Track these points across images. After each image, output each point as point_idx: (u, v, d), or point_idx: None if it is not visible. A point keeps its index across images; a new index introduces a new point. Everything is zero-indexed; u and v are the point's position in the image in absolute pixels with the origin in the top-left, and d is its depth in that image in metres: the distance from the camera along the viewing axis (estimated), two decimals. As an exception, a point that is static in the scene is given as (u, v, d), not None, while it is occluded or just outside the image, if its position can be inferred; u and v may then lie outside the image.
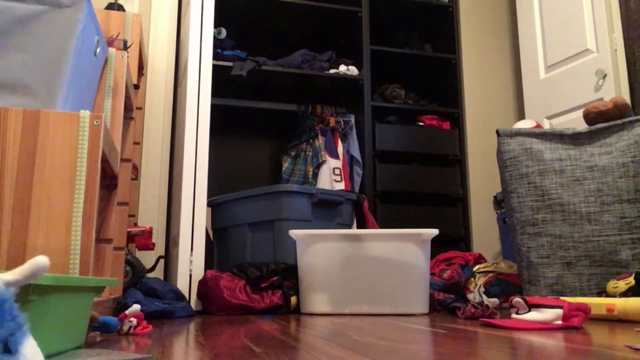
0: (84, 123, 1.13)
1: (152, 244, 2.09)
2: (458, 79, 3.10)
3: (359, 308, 1.85)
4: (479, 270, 2.17)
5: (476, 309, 1.57)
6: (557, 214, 1.88)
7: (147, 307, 1.67)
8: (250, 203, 2.26)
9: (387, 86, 3.06)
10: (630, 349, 0.91)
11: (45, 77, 1.15)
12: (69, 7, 1.19)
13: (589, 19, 2.69)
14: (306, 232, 1.92)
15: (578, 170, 1.90)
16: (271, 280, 1.96)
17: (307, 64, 2.85)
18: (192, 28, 2.27)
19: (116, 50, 1.60)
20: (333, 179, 2.83)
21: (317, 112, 3.01)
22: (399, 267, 1.85)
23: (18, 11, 1.15)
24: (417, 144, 2.92)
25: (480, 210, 3.13)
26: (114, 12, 2.25)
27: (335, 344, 1.02)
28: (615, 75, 2.54)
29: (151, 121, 2.71)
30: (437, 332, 1.23)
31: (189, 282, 2.06)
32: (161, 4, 2.84)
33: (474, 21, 3.42)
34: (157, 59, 2.79)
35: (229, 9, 2.77)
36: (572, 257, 1.84)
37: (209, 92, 2.22)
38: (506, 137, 2.00)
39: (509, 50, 3.45)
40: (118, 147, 1.55)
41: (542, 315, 1.32)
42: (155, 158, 2.68)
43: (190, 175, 2.13)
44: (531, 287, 1.88)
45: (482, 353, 0.88)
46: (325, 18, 3.00)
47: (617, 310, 1.44)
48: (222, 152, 3.06)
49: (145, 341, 1.11)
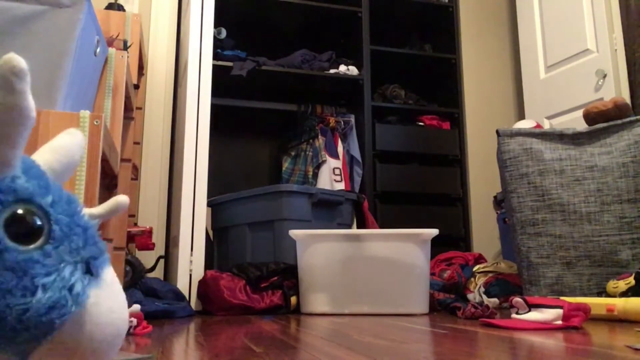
0: (84, 123, 1.13)
1: (152, 244, 2.09)
2: (458, 79, 3.10)
3: (359, 308, 1.85)
4: (479, 270, 2.17)
5: (476, 309, 1.57)
6: (557, 214, 1.88)
7: (147, 307, 1.67)
8: (250, 203, 2.26)
9: (387, 86, 3.05)
10: (630, 349, 0.91)
11: (45, 77, 1.15)
12: (69, 7, 1.19)
13: (589, 19, 2.69)
14: (306, 232, 1.92)
15: (578, 170, 1.90)
16: (271, 280, 1.96)
17: (307, 64, 2.85)
18: (192, 28, 2.26)
19: (116, 50, 1.60)
20: (333, 179, 2.83)
21: (317, 112, 3.01)
22: (399, 267, 1.85)
23: (18, 11, 1.15)
24: (417, 144, 2.92)
25: (480, 210, 3.13)
26: (114, 12, 2.25)
27: (335, 344, 1.02)
28: (615, 75, 2.54)
29: (151, 121, 2.71)
30: (437, 332, 1.23)
31: (189, 282, 2.06)
32: (161, 4, 2.84)
33: (474, 21, 3.42)
34: (157, 59, 2.79)
35: (229, 9, 2.77)
36: (572, 257, 1.84)
37: (209, 92, 2.22)
38: (506, 137, 2.00)
39: (509, 50, 3.45)
40: (118, 147, 1.55)
41: (542, 315, 1.32)
42: (155, 158, 2.68)
43: (190, 175, 2.13)
44: (531, 287, 1.88)
45: (482, 353, 0.88)
46: (325, 18, 3.00)
47: (617, 310, 1.44)
48: (222, 152, 3.06)
49: (145, 341, 1.11)
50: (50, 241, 0.48)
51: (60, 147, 0.59)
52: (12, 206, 0.47)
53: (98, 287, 0.50)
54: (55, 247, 0.48)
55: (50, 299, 0.46)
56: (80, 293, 0.48)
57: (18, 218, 0.47)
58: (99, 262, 0.52)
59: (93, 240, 0.52)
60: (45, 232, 0.48)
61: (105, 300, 0.50)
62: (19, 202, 0.47)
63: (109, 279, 0.52)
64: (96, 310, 0.49)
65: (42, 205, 0.48)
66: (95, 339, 0.49)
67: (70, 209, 0.51)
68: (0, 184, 0.46)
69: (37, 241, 0.47)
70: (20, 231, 0.46)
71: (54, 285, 0.46)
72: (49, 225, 0.48)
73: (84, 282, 0.49)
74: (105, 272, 0.53)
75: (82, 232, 0.51)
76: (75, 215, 0.51)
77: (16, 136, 0.46)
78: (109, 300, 0.51)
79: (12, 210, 0.47)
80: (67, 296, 0.47)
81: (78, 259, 0.49)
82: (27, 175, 0.49)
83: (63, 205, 0.51)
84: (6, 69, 0.43)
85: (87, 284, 0.49)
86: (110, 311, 0.50)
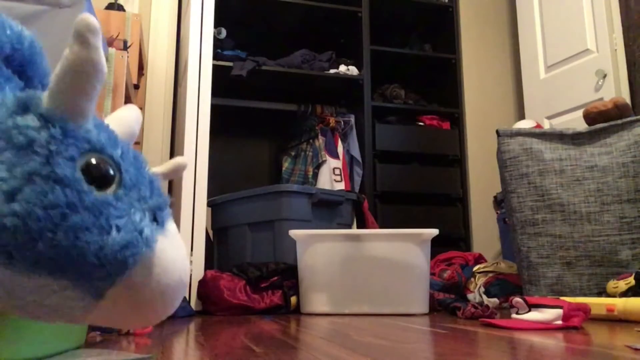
0: (84, 123, 1.13)
1: (152, 244, 2.09)
2: (458, 79, 3.10)
3: (359, 308, 1.85)
4: (479, 270, 2.17)
5: (476, 309, 1.57)
6: (557, 214, 1.88)
7: (147, 307, 1.67)
8: (250, 203, 2.26)
9: (387, 86, 3.05)
10: (630, 349, 0.91)
11: (45, 77, 1.15)
12: (69, 7, 1.19)
13: (589, 19, 2.69)
14: (306, 232, 1.92)
15: (578, 170, 1.90)
16: (271, 280, 1.96)
17: (307, 64, 2.85)
18: (192, 28, 2.26)
19: (116, 50, 1.60)
20: (333, 179, 2.83)
21: (317, 112, 3.01)
22: (399, 267, 1.85)
23: (18, 11, 1.15)
24: (417, 144, 2.92)
25: (480, 210, 3.13)
26: (114, 12, 2.25)
27: (335, 344, 1.02)
28: (615, 75, 2.54)
29: (151, 121, 2.71)
30: (437, 332, 1.23)
31: (189, 282, 2.06)
32: (161, 4, 2.84)
33: (474, 21, 3.42)
34: (157, 59, 2.79)
35: (229, 9, 2.77)
36: (572, 257, 1.84)
37: (209, 92, 2.22)
38: (506, 137, 2.00)
39: (509, 50, 3.45)
40: (118, 147, 1.55)
41: (542, 315, 1.32)
42: (155, 158, 2.68)
43: (190, 175, 2.13)
44: (531, 287, 1.88)
45: (482, 353, 0.88)
46: (325, 18, 3.00)
47: (617, 310, 1.44)
48: (222, 152, 3.06)
49: (145, 341, 1.11)
50: (121, 188, 0.52)
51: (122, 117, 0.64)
52: (87, 154, 0.50)
53: (164, 235, 0.54)
54: (126, 193, 0.52)
55: (124, 238, 0.49)
56: (150, 237, 0.51)
57: (93, 165, 0.50)
58: (164, 213, 0.56)
59: (159, 191, 0.56)
60: (117, 179, 0.52)
61: (170, 247, 0.54)
62: (93, 152, 0.51)
63: (173, 229, 0.56)
64: (163, 255, 0.52)
65: (113, 156, 0.52)
66: (162, 283, 0.52)
67: (137, 162, 0.55)
68: (76, 134, 0.50)
69: (111, 187, 0.51)
70: (96, 176, 0.50)
71: (126, 226, 0.50)
72: (119, 173, 0.52)
73: (152, 227, 0.53)
74: (169, 223, 0.56)
75: (148, 184, 0.55)
76: (142, 168, 0.55)
77: (91, 89, 0.49)
78: (174, 249, 0.54)
79: (88, 158, 0.50)
80: (139, 237, 0.50)
81: (146, 207, 0.53)
82: (99, 129, 0.53)
83: (130, 158, 0.54)
84: (82, 25, 0.46)
85: (154, 229, 0.53)
86: (174, 259, 0.53)
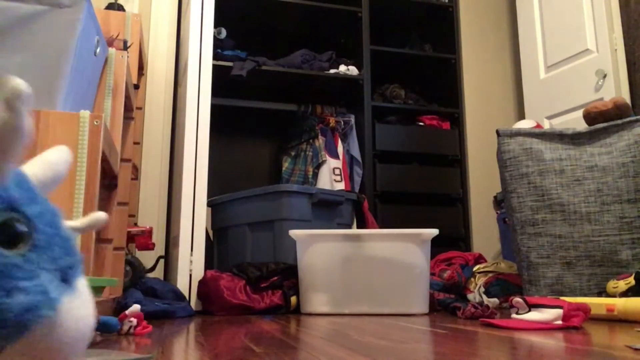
0: (83, 123, 1.13)
1: (152, 244, 2.09)
2: (458, 79, 3.10)
3: (359, 308, 1.85)
4: (479, 270, 2.17)
5: (476, 309, 1.57)
6: (557, 214, 1.88)
7: (147, 307, 1.67)
8: (250, 203, 2.26)
9: (387, 86, 3.05)
10: (630, 349, 0.91)
11: (45, 77, 1.15)
12: (69, 7, 1.19)
13: (589, 19, 2.69)
14: (306, 232, 1.92)
15: (578, 170, 1.90)
16: (271, 280, 1.96)
17: (307, 64, 2.85)
18: (192, 28, 2.26)
19: (116, 50, 1.60)
20: (333, 179, 2.83)
21: (317, 112, 3.01)
22: (399, 267, 1.85)
23: (18, 11, 1.15)
24: (417, 144, 2.91)
25: (480, 210, 3.13)
26: (114, 12, 2.25)
27: (335, 344, 1.02)
28: (615, 75, 2.54)
29: (151, 121, 2.71)
30: (437, 332, 1.23)
31: (189, 282, 2.06)
32: (161, 4, 2.84)
33: (474, 21, 3.42)
34: (157, 59, 2.79)
35: (229, 9, 2.77)
36: (572, 257, 1.84)
37: (209, 92, 2.22)
38: (506, 137, 2.00)
39: (509, 50, 3.45)
40: (118, 147, 1.55)
41: (542, 315, 1.32)
42: (155, 158, 2.68)
43: (190, 175, 2.13)
44: (531, 287, 1.88)
45: (482, 353, 0.88)
46: (325, 18, 2.99)
47: (617, 310, 1.44)
48: (222, 152, 3.06)
49: (145, 341, 1.11)
50: (33, 248, 0.52)
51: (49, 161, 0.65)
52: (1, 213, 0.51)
53: (72, 295, 0.55)
54: (38, 254, 0.52)
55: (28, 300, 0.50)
56: (55, 298, 0.52)
57: (4, 224, 0.51)
58: (74, 272, 0.56)
59: (72, 251, 0.56)
60: (28, 239, 0.52)
61: (76, 307, 0.55)
62: (7, 210, 0.51)
63: (81, 287, 0.57)
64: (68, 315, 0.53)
65: (28, 214, 0.52)
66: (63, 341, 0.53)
67: (54, 220, 0.55)
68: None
69: (21, 247, 0.51)
70: (5, 237, 0.50)
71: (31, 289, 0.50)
72: (33, 233, 0.52)
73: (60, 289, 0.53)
74: (78, 281, 0.57)
75: (62, 243, 0.55)
76: (58, 227, 0.56)
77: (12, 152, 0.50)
78: (79, 309, 0.55)
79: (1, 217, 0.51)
80: (43, 300, 0.51)
81: (57, 267, 0.54)
82: (18, 186, 0.53)
83: (48, 216, 0.55)
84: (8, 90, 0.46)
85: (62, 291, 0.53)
86: (78, 319, 0.55)
